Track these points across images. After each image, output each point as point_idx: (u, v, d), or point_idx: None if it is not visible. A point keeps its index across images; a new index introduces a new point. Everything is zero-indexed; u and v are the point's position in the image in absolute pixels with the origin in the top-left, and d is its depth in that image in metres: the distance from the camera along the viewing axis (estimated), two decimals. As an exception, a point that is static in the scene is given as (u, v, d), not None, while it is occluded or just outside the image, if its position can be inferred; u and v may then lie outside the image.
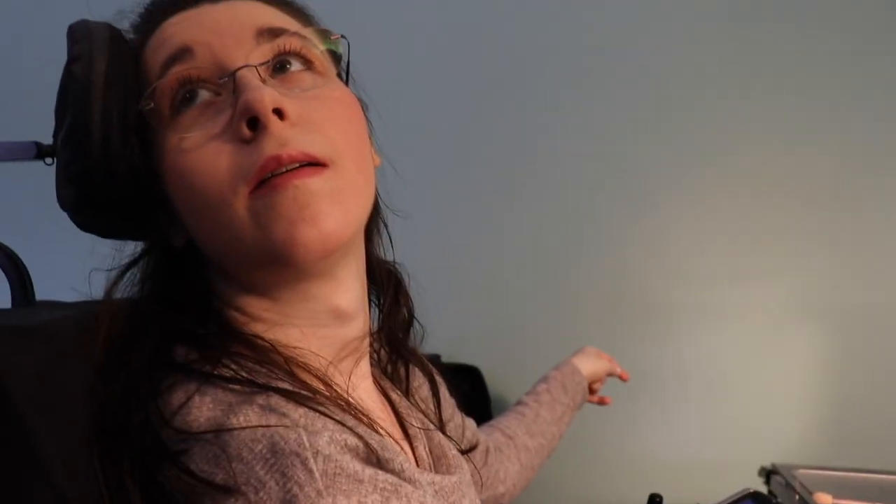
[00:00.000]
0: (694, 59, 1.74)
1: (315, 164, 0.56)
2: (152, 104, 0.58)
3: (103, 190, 0.60)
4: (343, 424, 0.52)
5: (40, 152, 0.68)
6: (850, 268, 1.70)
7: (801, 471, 1.27)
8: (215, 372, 0.54)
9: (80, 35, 0.60)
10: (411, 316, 0.78)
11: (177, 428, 0.52)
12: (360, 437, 0.52)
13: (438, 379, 0.85)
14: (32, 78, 1.12)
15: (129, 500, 0.52)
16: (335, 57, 0.66)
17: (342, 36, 0.64)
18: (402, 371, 0.78)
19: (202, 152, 0.56)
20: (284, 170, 0.55)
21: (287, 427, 0.49)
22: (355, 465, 0.49)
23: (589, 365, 1.21)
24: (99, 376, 0.55)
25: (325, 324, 0.63)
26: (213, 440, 0.49)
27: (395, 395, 0.72)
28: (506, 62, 1.78)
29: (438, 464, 0.67)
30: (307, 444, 0.48)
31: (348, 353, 0.65)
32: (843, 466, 1.32)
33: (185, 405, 0.52)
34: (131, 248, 0.68)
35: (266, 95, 0.54)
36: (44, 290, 0.73)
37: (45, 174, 0.68)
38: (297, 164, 0.55)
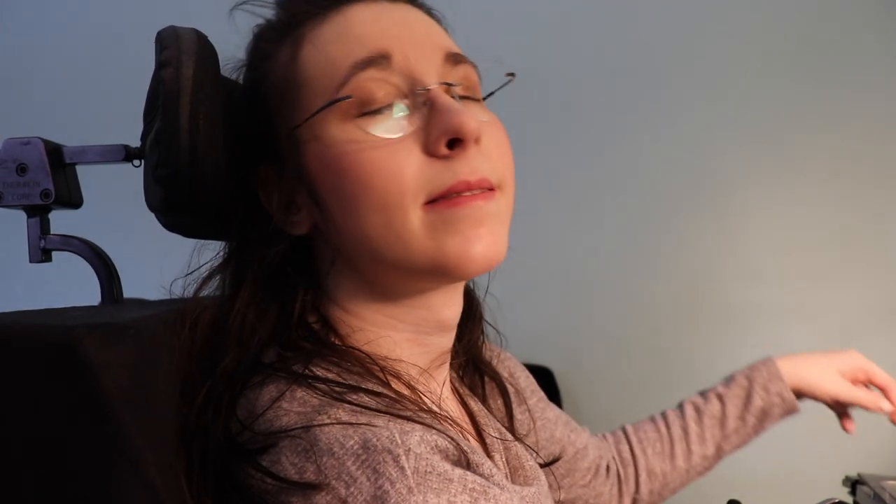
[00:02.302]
0: (772, 55, 1.69)
1: (489, 188, 0.59)
2: (351, 96, 0.58)
3: (190, 192, 0.62)
4: (433, 428, 0.53)
5: (128, 155, 0.71)
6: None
7: (891, 482, 1.21)
8: (306, 372, 0.55)
9: (169, 41, 0.61)
10: (482, 322, 0.78)
11: (265, 423, 0.53)
12: (450, 438, 0.52)
13: (514, 388, 0.84)
14: (121, 82, 1.16)
15: (213, 497, 0.53)
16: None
17: (513, 74, 0.66)
18: (477, 379, 0.78)
19: (389, 153, 0.57)
20: (469, 193, 0.57)
21: (378, 426, 0.50)
22: (445, 465, 0.49)
23: (813, 374, 0.93)
24: (188, 376, 0.57)
25: (428, 332, 0.64)
26: (302, 435, 0.50)
27: (473, 403, 0.72)
28: (580, 65, 1.76)
29: (515, 475, 0.66)
30: (399, 442, 0.49)
31: (440, 362, 0.67)
32: (936, 478, 1.25)
33: (276, 401, 0.53)
34: (214, 246, 0.69)
35: (474, 122, 0.57)
36: (129, 288, 0.75)
37: (133, 176, 0.71)
38: (479, 190, 0.58)
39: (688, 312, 1.72)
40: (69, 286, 0.84)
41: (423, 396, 0.60)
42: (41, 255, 0.71)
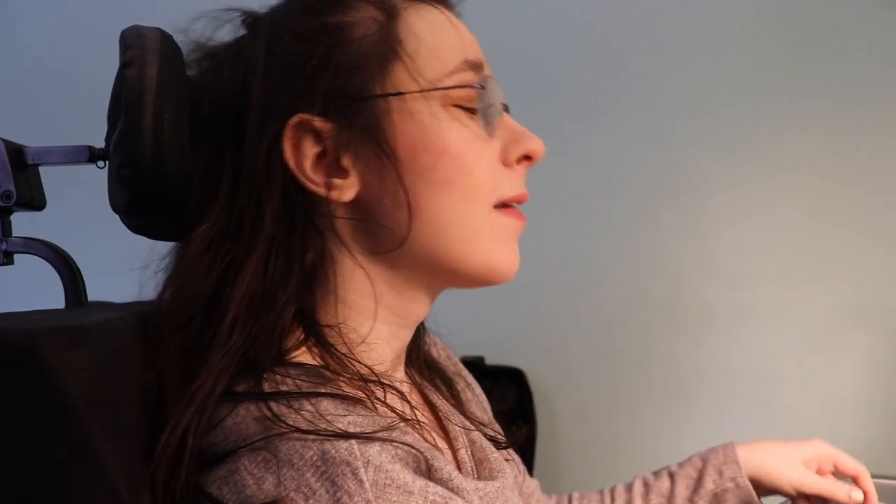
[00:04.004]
0: (741, 55, 1.71)
1: None
2: (484, 87, 0.62)
3: (154, 192, 0.60)
4: (390, 438, 0.52)
5: (93, 156, 0.69)
6: (905, 268, 1.65)
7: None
8: (266, 386, 0.54)
9: (133, 41, 0.60)
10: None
11: (223, 433, 0.52)
12: (410, 445, 0.52)
13: (463, 383, 0.83)
14: (85, 82, 1.15)
15: None
16: None
17: None
18: (431, 375, 0.78)
19: (486, 149, 0.62)
20: (517, 206, 0.65)
21: (338, 435, 0.49)
22: (406, 476, 0.49)
23: (773, 462, 0.86)
24: (156, 394, 0.55)
25: (405, 326, 0.66)
26: (263, 446, 0.50)
27: (436, 398, 0.72)
28: (546, 60, 1.77)
29: (481, 467, 0.66)
30: (358, 454, 0.48)
31: (403, 358, 0.67)
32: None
33: (233, 411, 0.53)
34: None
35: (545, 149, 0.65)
36: (94, 292, 0.74)
37: (98, 177, 0.70)
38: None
39: (661, 313, 1.73)
40: (32, 290, 0.83)
41: (386, 389, 0.59)
42: (2, 257, 0.69)
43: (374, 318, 0.62)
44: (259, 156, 0.58)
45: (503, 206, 0.63)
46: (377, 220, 0.60)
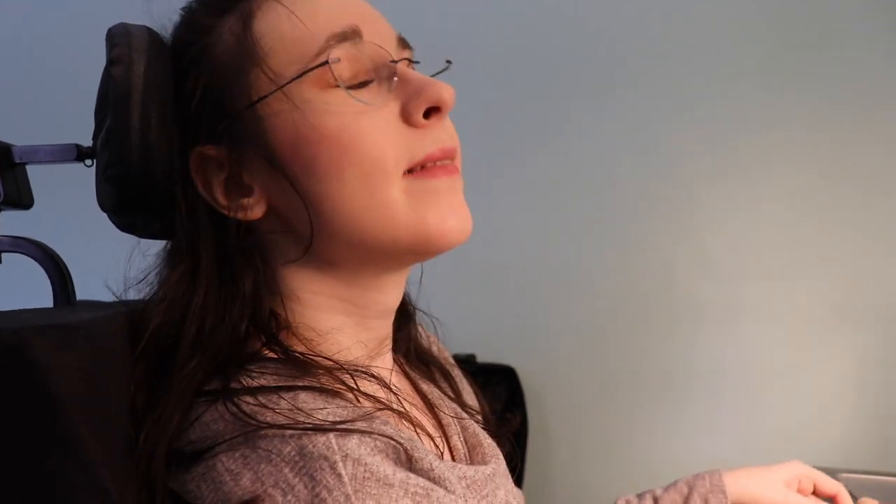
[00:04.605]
0: (732, 51, 1.72)
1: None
2: (340, 59, 0.57)
3: (141, 190, 0.60)
4: (370, 430, 0.51)
5: (80, 154, 0.69)
6: (893, 266, 1.66)
7: (845, 475, 1.23)
8: (242, 382, 0.54)
9: (119, 38, 0.60)
10: (415, 313, 0.77)
11: (199, 430, 0.52)
12: (389, 437, 0.52)
13: (456, 372, 0.83)
14: (73, 80, 1.14)
15: None
16: None
17: (449, 62, 0.68)
18: (422, 367, 0.78)
19: (372, 119, 0.57)
20: (447, 162, 0.60)
21: (315, 428, 0.49)
22: (385, 469, 0.49)
23: (756, 486, 0.83)
24: (138, 394, 0.56)
25: (375, 316, 0.64)
26: (241, 442, 0.50)
27: (426, 386, 0.72)
28: (536, 56, 1.77)
29: (474, 452, 0.66)
30: (336, 448, 0.48)
31: (384, 347, 0.66)
32: (890, 471, 1.28)
33: (209, 409, 0.52)
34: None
35: (452, 91, 0.58)
36: (82, 290, 0.74)
37: (86, 176, 0.70)
38: (450, 161, 0.60)
39: (653, 310, 1.74)
40: (20, 289, 0.82)
41: (364, 379, 0.59)
42: (-10, 256, 0.69)
43: (332, 311, 0.62)
44: (177, 197, 0.60)
45: (422, 168, 0.59)
46: (291, 225, 0.60)
